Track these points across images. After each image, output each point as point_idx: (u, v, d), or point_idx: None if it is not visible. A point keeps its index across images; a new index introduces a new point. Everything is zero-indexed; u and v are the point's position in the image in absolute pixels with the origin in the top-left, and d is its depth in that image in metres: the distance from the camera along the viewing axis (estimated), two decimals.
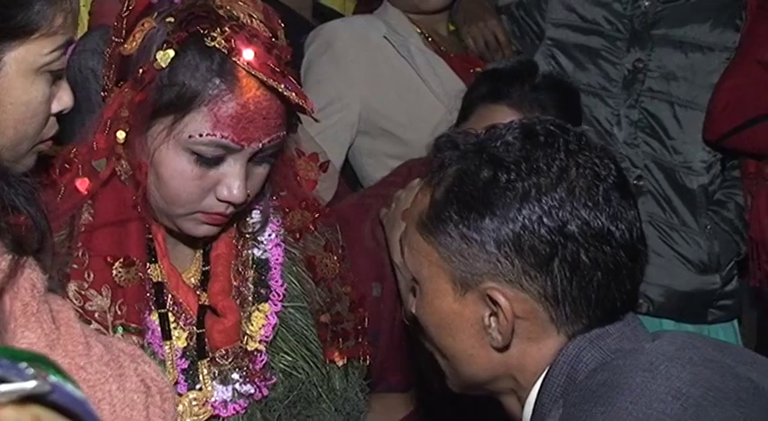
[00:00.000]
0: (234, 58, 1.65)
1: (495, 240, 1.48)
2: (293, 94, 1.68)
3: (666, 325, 3.11)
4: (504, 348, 1.53)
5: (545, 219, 1.47)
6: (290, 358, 1.84)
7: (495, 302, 1.50)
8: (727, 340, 3.13)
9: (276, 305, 1.83)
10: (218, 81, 1.65)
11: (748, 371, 1.47)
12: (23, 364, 0.87)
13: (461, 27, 3.15)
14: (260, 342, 1.80)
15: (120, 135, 1.69)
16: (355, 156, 3.07)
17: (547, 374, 1.51)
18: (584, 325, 1.51)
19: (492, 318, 1.51)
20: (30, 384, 0.85)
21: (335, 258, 1.91)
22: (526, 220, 1.47)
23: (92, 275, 1.69)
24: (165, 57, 1.64)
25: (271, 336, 1.82)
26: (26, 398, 0.85)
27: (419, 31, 3.03)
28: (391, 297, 2.35)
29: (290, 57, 1.72)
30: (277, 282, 1.84)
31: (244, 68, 1.65)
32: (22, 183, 1.40)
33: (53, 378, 0.87)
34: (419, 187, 2.24)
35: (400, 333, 2.36)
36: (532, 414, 1.54)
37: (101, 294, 1.68)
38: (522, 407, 1.56)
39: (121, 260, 1.70)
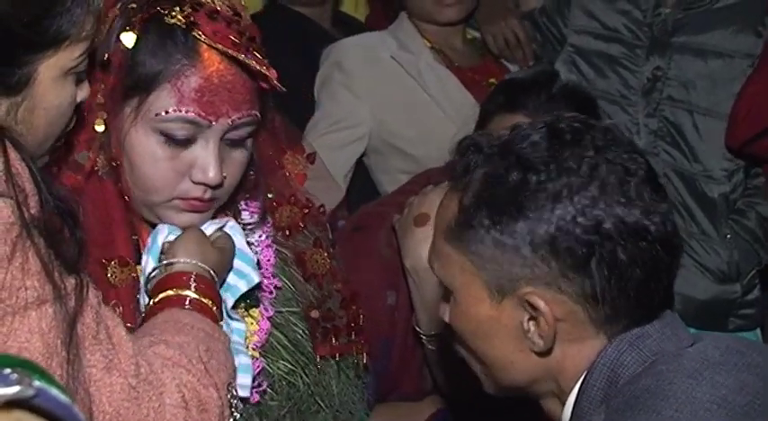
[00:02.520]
0: (194, 33, 1.66)
1: (530, 244, 1.45)
2: (253, 62, 1.68)
3: None
4: (545, 352, 1.51)
5: (579, 219, 1.44)
6: (289, 365, 1.83)
7: (534, 307, 1.48)
8: None
9: (268, 310, 1.83)
10: (179, 56, 1.66)
11: None
12: (7, 370, 0.89)
13: (482, 27, 3.17)
14: (253, 348, 1.79)
15: (99, 125, 1.70)
16: (373, 173, 3.14)
17: (586, 377, 1.49)
18: (624, 324, 1.49)
19: (531, 323, 1.49)
20: (12, 389, 0.87)
21: (326, 254, 1.91)
22: (560, 221, 1.44)
23: None
24: (128, 38, 1.66)
25: (264, 342, 1.81)
26: (10, 403, 0.86)
27: (430, 45, 3.08)
28: (405, 305, 2.36)
29: (254, 34, 1.72)
30: (269, 283, 1.84)
31: (204, 42, 1.67)
32: (58, 190, 1.44)
33: (38, 383, 0.89)
34: (443, 194, 2.25)
35: (414, 341, 2.37)
36: (571, 416, 1.52)
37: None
38: (563, 408, 1.54)
39: (117, 260, 1.71)
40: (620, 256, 1.44)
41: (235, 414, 1.60)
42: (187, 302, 1.63)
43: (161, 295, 1.65)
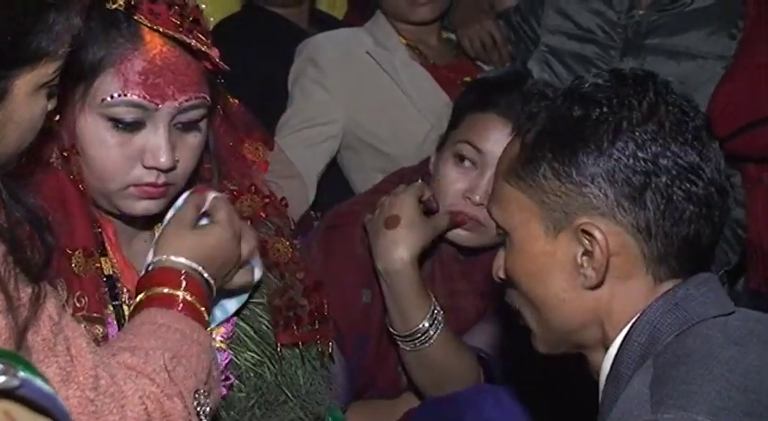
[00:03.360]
0: (136, 17, 1.67)
1: (591, 174, 1.51)
2: (194, 41, 1.69)
3: None
4: (596, 286, 1.54)
5: (638, 152, 1.50)
6: (256, 356, 1.84)
7: (590, 236, 1.52)
8: None
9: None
10: (122, 40, 1.67)
11: None
12: None
13: (458, 29, 3.18)
14: (220, 340, 1.80)
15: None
16: (346, 171, 3.12)
17: (630, 330, 1.53)
18: (672, 267, 1.53)
19: (584, 258, 1.53)
20: None
21: (287, 243, 1.91)
22: (619, 153, 1.50)
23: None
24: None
25: (230, 334, 1.82)
26: None
27: (406, 42, 3.08)
28: (381, 302, 2.36)
29: (198, 16, 1.72)
30: None
31: (145, 25, 1.67)
32: (28, 198, 1.44)
33: (23, 374, 0.89)
34: (414, 194, 2.27)
35: (389, 339, 2.37)
36: (610, 369, 1.55)
37: (56, 288, 1.67)
38: (605, 356, 1.58)
39: (81, 250, 1.71)
40: (676, 191, 1.50)
41: (203, 419, 1.58)
42: (179, 305, 1.63)
43: (149, 292, 1.64)
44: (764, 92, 3.02)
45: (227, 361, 1.79)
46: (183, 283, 1.64)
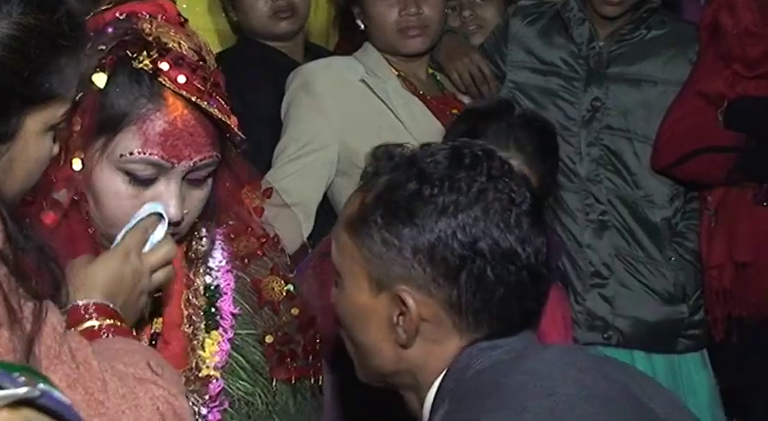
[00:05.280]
0: (160, 79, 1.73)
1: (412, 247, 1.59)
2: (216, 110, 1.76)
3: (638, 356, 3.18)
4: (407, 346, 1.63)
5: (459, 234, 1.58)
6: (249, 386, 1.89)
7: (404, 303, 1.60)
8: (697, 369, 3.22)
9: (227, 332, 1.88)
10: (145, 101, 1.73)
11: (621, 376, 1.59)
12: (16, 373, 0.94)
13: (445, 64, 3.19)
14: (214, 368, 1.85)
15: (77, 163, 1.76)
16: (335, 197, 3.09)
17: (443, 378, 1.62)
18: (485, 333, 1.61)
19: (400, 318, 1.62)
20: (21, 390, 0.94)
21: (282, 282, 1.97)
22: (441, 233, 1.58)
23: None
24: (100, 79, 1.73)
25: (223, 363, 1.87)
26: (18, 403, 0.92)
27: (397, 73, 3.10)
28: None
29: (218, 79, 1.79)
30: (228, 307, 1.90)
31: (169, 88, 1.74)
32: (34, 232, 1.49)
33: (42, 385, 0.95)
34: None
35: None
36: (430, 414, 1.64)
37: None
38: (422, 406, 1.67)
39: None
40: (489, 274, 1.58)
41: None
42: (102, 332, 1.63)
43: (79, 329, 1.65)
44: (703, 121, 3.09)
45: (219, 389, 1.84)
46: (93, 313, 1.65)
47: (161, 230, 1.75)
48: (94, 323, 1.65)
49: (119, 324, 1.66)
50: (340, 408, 2.42)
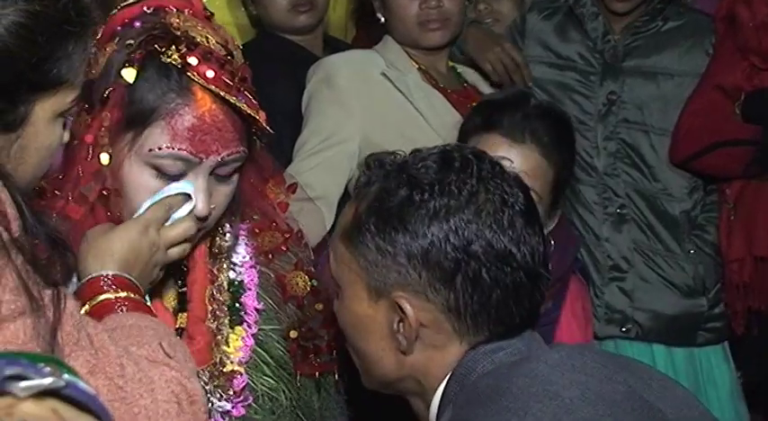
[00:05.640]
0: (189, 74, 1.73)
1: (407, 253, 1.59)
2: (244, 105, 1.76)
3: (657, 349, 3.18)
4: (408, 352, 1.64)
5: (451, 238, 1.58)
6: (272, 382, 1.90)
7: (402, 309, 1.61)
8: (717, 362, 3.21)
9: (251, 327, 1.89)
10: (174, 95, 1.73)
11: (627, 377, 1.59)
12: (41, 364, 0.95)
13: (477, 56, 3.17)
14: (238, 364, 1.86)
15: (105, 158, 1.77)
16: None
17: (447, 382, 1.62)
18: (486, 337, 1.62)
19: (400, 324, 1.62)
20: (47, 380, 0.95)
21: (306, 277, 1.98)
22: (434, 237, 1.58)
23: None
24: (129, 74, 1.73)
25: (248, 358, 1.88)
26: (44, 393, 0.94)
27: (417, 66, 3.09)
28: None
29: (246, 74, 1.80)
30: (252, 302, 1.91)
31: (198, 83, 1.74)
32: (49, 221, 1.50)
33: (67, 376, 0.96)
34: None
35: None
36: (436, 419, 1.64)
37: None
38: (428, 409, 1.67)
39: None
40: (484, 276, 1.59)
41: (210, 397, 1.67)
42: (117, 305, 1.66)
43: (86, 307, 1.66)
44: (721, 115, 3.09)
45: (243, 384, 1.85)
46: (112, 286, 1.67)
47: (185, 209, 1.76)
48: (110, 296, 1.67)
49: (133, 296, 1.68)
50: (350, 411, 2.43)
